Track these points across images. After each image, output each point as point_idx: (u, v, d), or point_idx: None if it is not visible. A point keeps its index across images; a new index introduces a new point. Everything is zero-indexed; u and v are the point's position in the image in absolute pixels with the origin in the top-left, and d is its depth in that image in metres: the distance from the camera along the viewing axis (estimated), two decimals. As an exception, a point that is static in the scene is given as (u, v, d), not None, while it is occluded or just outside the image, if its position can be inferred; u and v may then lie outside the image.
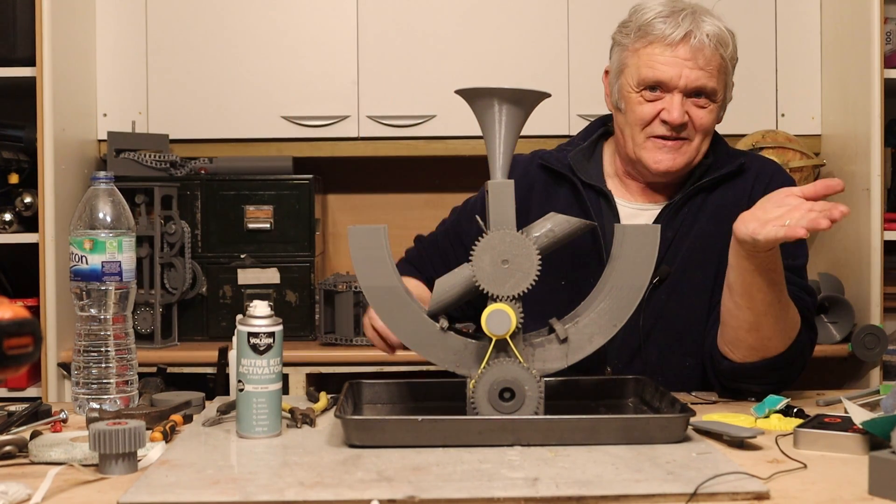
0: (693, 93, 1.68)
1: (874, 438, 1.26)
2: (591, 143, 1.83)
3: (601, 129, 1.84)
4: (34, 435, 1.33)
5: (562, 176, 1.79)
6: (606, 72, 1.79)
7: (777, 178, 1.76)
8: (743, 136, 2.86)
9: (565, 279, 1.73)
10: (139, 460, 1.23)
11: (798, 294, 1.65)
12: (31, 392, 2.65)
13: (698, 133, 1.70)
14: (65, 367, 2.59)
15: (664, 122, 1.68)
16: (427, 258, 1.91)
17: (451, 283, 1.43)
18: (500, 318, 1.33)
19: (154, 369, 2.42)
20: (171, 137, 2.93)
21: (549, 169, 1.81)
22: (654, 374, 1.63)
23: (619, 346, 1.70)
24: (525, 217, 1.69)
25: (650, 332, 1.71)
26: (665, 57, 1.66)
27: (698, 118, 1.69)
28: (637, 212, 1.76)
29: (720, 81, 1.69)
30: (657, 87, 1.68)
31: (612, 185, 1.79)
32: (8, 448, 1.28)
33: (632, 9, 1.74)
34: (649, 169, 1.71)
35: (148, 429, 1.33)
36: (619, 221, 1.73)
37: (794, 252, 1.70)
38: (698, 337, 1.70)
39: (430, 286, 1.60)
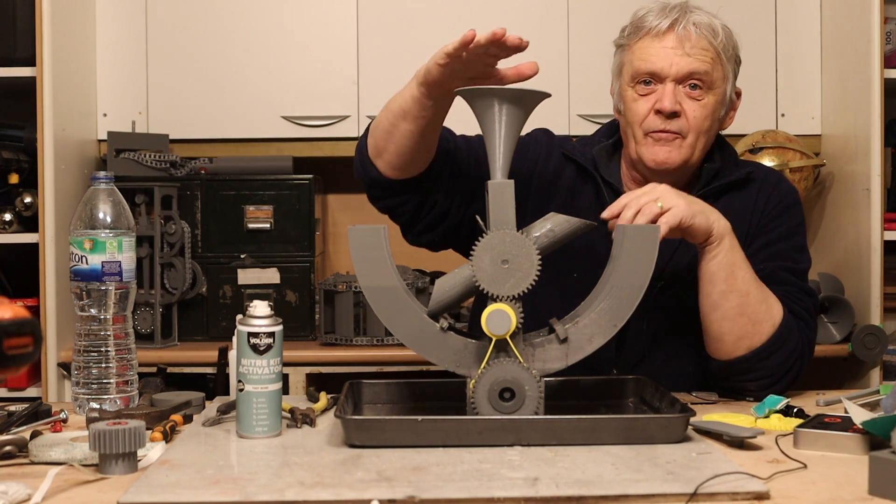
0: (686, 79, 1.67)
1: (874, 438, 1.26)
2: (617, 142, 1.81)
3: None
4: (34, 435, 1.33)
5: (586, 172, 1.78)
6: (612, 88, 1.79)
7: (780, 186, 1.77)
8: (743, 136, 2.86)
9: (577, 282, 1.72)
10: (139, 460, 1.23)
11: (797, 295, 1.67)
12: (31, 392, 2.65)
13: (692, 130, 1.68)
14: (65, 367, 2.59)
15: (658, 112, 1.67)
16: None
17: (451, 283, 1.42)
18: (500, 318, 1.33)
19: (154, 369, 2.41)
20: (171, 137, 2.93)
21: (574, 162, 1.79)
22: (659, 378, 1.63)
23: (627, 351, 1.70)
24: (546, 204, 1.72)
25: (655, 338, 1.71)
26: (654, 48, 1.67)
27: (691, 111, 1.67)
28: None
29: (714, 69, 1.68)
30: (650, 80, 1.68)
31: (627, 189, 1.79)
32: (8, 448, 1.28)
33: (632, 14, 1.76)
34: (647, 166, 1.71)
35: (148, 429, 1.33)
36: None
37: (796, 257, 1.71)
38: (701, 342, 1.70)
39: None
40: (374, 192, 1.71)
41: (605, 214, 1.55)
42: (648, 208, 1.52)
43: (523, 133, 1.79)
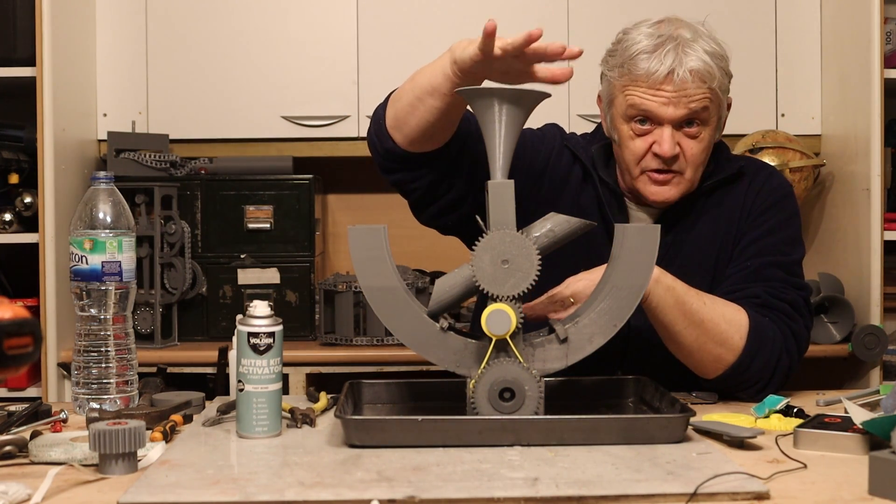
0: (684, 122, 1.65)
1: (874, 438, 1.26)
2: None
3: None
4: (34, 435, 1.33)
5: (588, 171, 1.77)
6: (599, 97, 1.77)
7: (770, 181, 1.76)
8: (743, 136, 2.86)
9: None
10: (139, 460, 1.23)
11: (782, 289, 1.66)
12: (31, 392, 2.65)
13: (690, 165, 1.67)
14: (65, 367, 2.59)
15: (656, 155, 1.66)
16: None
17: (451, 283, 1.42)
18: (500, 318, 1.33)
19: (154, 369, 2.41)
20: (171, 137, 2.94)
21: (580, 160, 1.77)
22: (661, 378, 1.63)
23: (631, 353, 1.71)
24: (556, 198, 1.73)
25: (657, 337, 1.71)
26: (650, 93, 1.64)
27: (689, 149, 1.66)
28: (641, 214, 1.76)
29: (711, 106, 1.66)
30: (646, 119, 1.66)
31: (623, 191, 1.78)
32: (8, 448, 1.28)
33: (618, 35, 1.71)
34: (647, 200, 1.71)
35: (148, 429, 1.33)
36: (629, 222, 1.72)
37: (785, 249, 1.71)
38: None
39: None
40: (387, 165, 1.65)
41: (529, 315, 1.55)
42: (561, 303, 1.57)
43: (535, 127, 1.81)
